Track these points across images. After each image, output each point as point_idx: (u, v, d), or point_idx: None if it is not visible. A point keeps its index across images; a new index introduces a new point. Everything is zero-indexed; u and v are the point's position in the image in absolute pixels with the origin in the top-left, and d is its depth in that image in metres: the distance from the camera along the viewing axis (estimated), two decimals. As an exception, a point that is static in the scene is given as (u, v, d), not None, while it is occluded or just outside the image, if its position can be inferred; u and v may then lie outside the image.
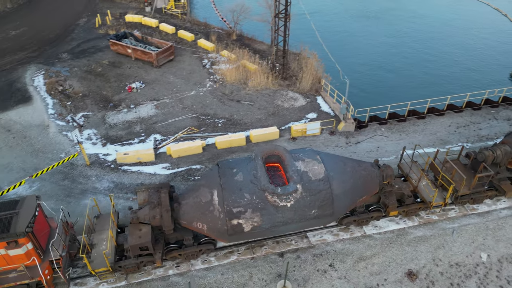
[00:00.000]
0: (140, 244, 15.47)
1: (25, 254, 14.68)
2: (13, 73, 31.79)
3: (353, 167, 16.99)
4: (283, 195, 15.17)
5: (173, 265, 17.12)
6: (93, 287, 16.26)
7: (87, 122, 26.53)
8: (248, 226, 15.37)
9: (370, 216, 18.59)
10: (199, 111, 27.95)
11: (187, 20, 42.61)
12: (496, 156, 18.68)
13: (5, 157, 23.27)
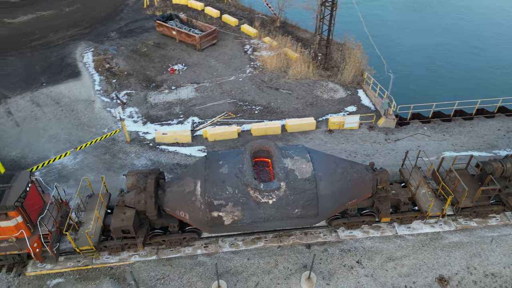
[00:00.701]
0: (122, 227, 15.86)
1: (14, 227, 15.28)
2: (64, 49, 33.38)
3: (345, 169, 16.30)
4: (265, 192, 14.83)
5: (202, 245, 17.57)
6: (126, 257, 17.05)
7: (130, 100, 27.46)
8: (228, 219, 15.21)
9: (362, 220, 18.03)
10: (237, 96, 28.08)
11: (232, 4, 42.57)
12: (506, 169, 17.33)
13: (53, 128, 24.65)
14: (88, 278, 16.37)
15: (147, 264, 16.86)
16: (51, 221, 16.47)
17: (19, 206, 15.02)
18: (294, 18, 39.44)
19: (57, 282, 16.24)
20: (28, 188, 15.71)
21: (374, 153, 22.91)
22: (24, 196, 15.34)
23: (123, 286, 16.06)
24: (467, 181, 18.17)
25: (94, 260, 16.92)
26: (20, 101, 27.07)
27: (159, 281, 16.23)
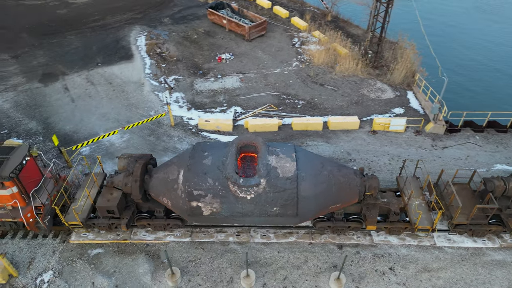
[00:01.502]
0: (107, 207, 16.49)
1: (10, 196, 16.03)
2: (120, 31, 34.84)
3: (331, 172, 15.80)
4: (244, 187, 14.72)
5: (234, 233, 17.88)
6: (161, 237, 17.73)
7: (177, 86, 28.23)
8: (207, 210, 15.31)
9: (347, 226, 17.33)
10: (281, 89, 27.99)
11: (284, -4, 42.21)
12: (508, 188, 16.21)
13: (105, 107, 25.94)
14: (125, 252, 17.23)
15: (181, 245, 17.45)
16: (45, 194, 17.26)
17: (14, 177, 15.71)
18: (346, 13, 38.47)
19: (97, 252, 17.24)
20: (25, 161, 16.40)
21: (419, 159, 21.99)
22: (20, 169, 16.04)
23: (156, 263, 16.75)
24: (468, 197, 17.29)
25: (132, 236, 17.75)
26: (76, 79, 28.70)
27: (191, 262, 16.76)
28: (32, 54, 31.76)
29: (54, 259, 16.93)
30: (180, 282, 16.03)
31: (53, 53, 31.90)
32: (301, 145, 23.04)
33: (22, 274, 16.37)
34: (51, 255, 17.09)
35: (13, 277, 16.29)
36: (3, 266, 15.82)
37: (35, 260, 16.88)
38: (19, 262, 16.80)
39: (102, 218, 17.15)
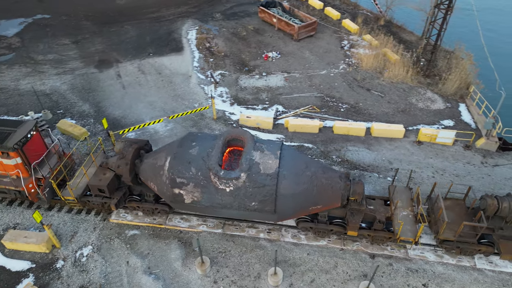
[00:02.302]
0: (98, 185, 17.26)
1: (14, 166, 17.26)
2: (173, 24, 36.01)
3: (314, 173, 15.58)
4: (224, 179, 14.94)
5: (265, 230, 17.96)
6: (195, 225, 18.19)
7: (222, 80, 28.74)
8: (188, 198, 15.69)
9: (330, 229, 17.04)
10: (325, 91, 27.65)
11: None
12: (501, 208, 15.23)
13: (152, 96, 26.97)
14: (159, 236, 17.87)
15: (213, 235, 17.80)
16: (47, 168, 18.21)
17: (18, 148, 16.79)
18: (401, 18, 37.17)
19: (133, 233, 18.02)
20: (30, 135, 17.43)
21: (466, 175, 20.92)
22: (24, 141, 17.11)
23: (188, 250, 17.22)
24: (460, 213, 16.51)
25: (167, 221, 18.36)
26: (129, 67, 30.06)
27: (221, 254, 17.06)
28: (91, 41, 33.65)
29: (94, 235, 17.90)
30: (208, 272, 16.38)
31: (110, 41, 33.61)
32: (340, 149, 22.67)
33: (64, 246, 17.47)
34: (92, 231, 18.08)
35: (55, 248, 17.42)
36: (48, 237, 16.97)
37: (77, 234, 17.95)
38: (62, 234, 17.94)
39: (95, 196, 17.94)
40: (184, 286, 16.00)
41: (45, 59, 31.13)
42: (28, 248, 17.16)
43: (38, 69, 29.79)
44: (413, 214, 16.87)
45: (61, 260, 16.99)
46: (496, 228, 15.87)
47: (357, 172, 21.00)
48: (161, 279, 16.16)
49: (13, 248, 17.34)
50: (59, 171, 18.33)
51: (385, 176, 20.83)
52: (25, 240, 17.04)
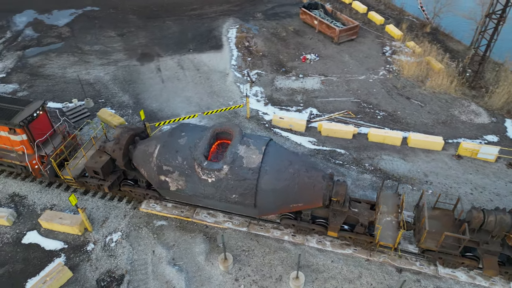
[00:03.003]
0: (93, 167, 17.91)
1: (19, 142, 18.23)
2: (214, 22, 36.52)
3: (297, 171, 15.56)
4: (206, 170, 15.32)
5: (290, 233, 17.81)
6: (221, 221, 18.34)
7: (258, 80, 28.81)
8: (173, 186, 16.21)
9: (312, 228, 17.05)
10: (362, 97, 27.02)
11: (383, 2, 40.53)
12: (486, 222, 14.56)
13: (189, 91, 27.48)
14: (186, 229, 18.17)
15: (238, 233, 17.88)
16: (51, 147, 19.05)
17: (24, 126, 17.69)
18: (448, 26, 35.66)
19: (161, 224, 18.44)
20: (36, 114, 18.25)
21: (507, 195, 19.75)
22: (30, 120, 17.97)
23: (212, 246, 17.40)
24: (447, 224, 15.96)
25: (194, 215, 18.64)
26: (169, 62, 30.80)
27: (244, 252, 17.09)
28: (135, 34, 34.79)
29: (124, 222, 18.48)
30: (231, 269, 16.46)
31: (153, 35, 34.59)
32: (374, 157, 22.07)
33: (95, 230, 18.16)
34: (122, 218, 18.68)
35: (87, 231, 18.15)
36: (81, 220, 17.70)
37: (108, 220, 18.60)
38: (94, 219, 18.66)
39: (91, 178, 18.61)
40: (205, 281, 16.17)
41: (92, 49, 32.52)
42: (62, 229, 17.99)
43: (84, 59, 31.17)
44: (396, 220, 16.56)
45: (92, 243, 17.68)
46: (482, 242, 15.15)
47: (390, 182, 20.37)
48: (184, 272, 16.42)
49: (49, 227, 18.24)
50: (62, 151, 19.22)
51: (419, 188, 20.06)
52: (60, 221, 17.88)
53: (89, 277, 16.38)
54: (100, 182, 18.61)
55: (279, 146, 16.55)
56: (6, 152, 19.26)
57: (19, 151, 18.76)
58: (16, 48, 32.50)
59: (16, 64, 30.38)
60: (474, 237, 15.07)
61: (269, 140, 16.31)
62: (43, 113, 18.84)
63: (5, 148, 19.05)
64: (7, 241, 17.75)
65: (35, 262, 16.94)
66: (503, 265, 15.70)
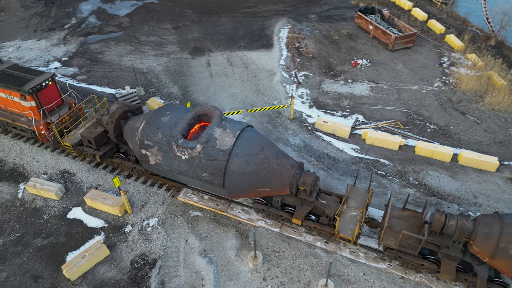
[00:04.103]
0: (87, 137, 19.21)
1: (29, 108, 20.00)
2: (267, 21, 36.60)
3: (267, 157, 16.17)
4: (181, 147, 16.24)
5: (323, 239, 17.46)
6: (254, 219, 18.37)
7: (305, 82, 28.51)
8: (152, 160, 17.28)
9: (279, 215, 17.60)
10: (412, 108, 25.88)
11: (445, 10, 38.55)
12: (446, 226, 14.14)
13: (236, 87, 27.78)
14: (219, 222, 18.40)
15: (270, 233, 17.82)
16: (56, 115, 20.72)
17: (33, 93, 19.36)
18: (516, 39, 33.24)
19: (196, 214, 18.81)
20: (45, 84, 19.85)
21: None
22: (39, 88, 19.61)
23: (243, 242, 17.48)
24: (412, 224, 15.83)
25: (228, 210, 18.83)
26: (219, 57, 31.32)
27: (274, 253, 17.00)
28: (190, 28, 35.74)
29: (162, 209, 19.06)
30: (259, 267, 16.44)
31: (206, 30, 35.35)
32: (420, 172, 21.07)
33: (134, 213, 18.89)
34: (160, 205, 19.28)
35: (127, 213, 18.93)
36: (122, 202, 18.49)
37: (146, 205, 19.28)
38: (134, 202, 19.42)
39: (86, 147, 19.93)
40: (234, 276, 16.28)
41: (148, 40, 33.85)
42: (104, 208, 18.90)
43: (140, 49, 32.51)
44: (362, 215, 16.61)
45: (130, 225, 18.42)
46: (443, 246, 14.79)
47: (434, 200, 19.35)
48: (214, 264, 16.64)
49: (92, 206, 19.24)
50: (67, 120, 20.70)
51: (466, 209, 18.88)
52: (103, 200, 18.80)
53: (124, 257, 17.08)
54: (95, 152, 19.77)
55: (256, 133, 17.14)
56: (17, 116, 21.24)
57: (28, 116, 20.59)
58: (80, 34, 34.58)
59: (78, 49, 32.33)
60: (436, 240, 14.79)
61: (247, 126, 17.03)
62: (52, 84, 20.49)
63: (17, 112, 21.01)
64: (54, 214, 18.95)
65: (77, 237, 17.94)
66: (464, 272, 15.32)
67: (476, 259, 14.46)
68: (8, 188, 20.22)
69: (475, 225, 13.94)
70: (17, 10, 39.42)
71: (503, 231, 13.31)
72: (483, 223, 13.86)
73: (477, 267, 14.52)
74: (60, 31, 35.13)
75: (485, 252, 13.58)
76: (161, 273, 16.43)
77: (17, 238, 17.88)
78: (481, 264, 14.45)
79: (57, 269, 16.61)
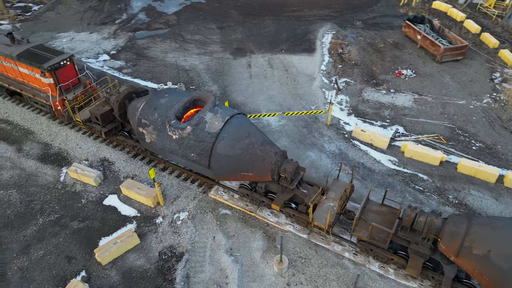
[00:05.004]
0: (94, 113, 20.70)
1: (47, 84, 21.70)
2: (311, 25, 36.35)
3: (252, 143, 16.89)
4: (173, 127, 17.35)
5: (352, 251, 17.01)
6: (283, 223, 18.23)
7: (345, 88, 28.00)
8: (148, 138, 18.48)
9: (261, 200, 18.36)
10: (458, 123, 24.68)
11: (500, 24, 36.53)
12: (416, 222, 14.48)
13: (274, 90, 27.77)
14: (247, 223, 18.42)
15: (297, 238, 17.60)
16: (72, 93, 22.49)
17: (51, 71, 21.12)
18: None
19: (225, 212, 18.94)
20: (63, 63, 21.59)
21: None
22: (57, 67, 21.37)
23: (269, 245, 17.38)
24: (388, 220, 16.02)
25: (257, 211, 18.81)
26: (259, 59, 31.47)
27: (300, 259, 16.77)
28: (234, 29, 36.20)
29: (193, 204, 19.37)
30: (284, 272, 16.27)
31: (250, 32, 35.66)
32: (461, 190, 20.04)
33: (166, 206, 19.32)
34: (192, 199, 19.60)
35: (159, 205, 19.40)
36: (156, 193, 18.97)
37: (178, 199, 19.66)
38: (167, 195, 19.86)
39: (94, 123, 21.37)
40: (258, 278, 16.22)
41: (192, 39, 34.65)
42: (138, 198, 19.48)
43: (184, 47, 33.34)
44: (338, 206, 17.00)
45: (161, 217, 18.86)
46: (413, 242, 14.96)
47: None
48: (239, 263, 16.66)
49: (127, 195, 19.89)
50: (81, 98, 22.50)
51: (509, 235, 17.69)
52: (137, 190, 19.39)
53: (153, 247, 17.51)
54: (102, 129, 21.04)
55: (245, 121, 17.87)
56: (37, 92, 23.04)
57: (46, 92, 22.23)
58: (129, 30, 36.00)
59: (126, 43, 33.66)
60: (407, 236, 14.96)
61: (238, 114, 17.76)
62: (70, 64, 22.17)
63: (38, 88, 22.82)
64: (91, 200, 19.78)
65: (111, 223, 18.60)
66: (433, 270, 15.47)
67: (445, 258, 14.46)
68: (52, 171, 21.34)
69: (444, 223, 14.19)
70: (73, 3, 41.73)
71: (469, 230, 13.53)
72: (451, 222, 14.09)
73: (445, 266, 14.58)
74: (111, 26, 36.75)
75: (450, 250, 13.74)
76: (187, 267, 16.68)
77: (56, 219, 18.82)
78: (450, 264, 14.45)
79: (90, 252, 17.30)
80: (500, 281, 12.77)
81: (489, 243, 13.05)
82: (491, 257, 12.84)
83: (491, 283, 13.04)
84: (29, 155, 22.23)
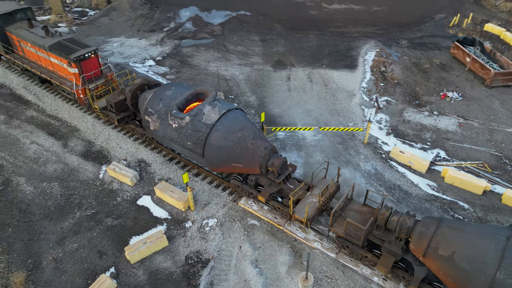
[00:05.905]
0: (110, 101, 22.30)
1: (72, 74, 23.65)
2: (355, 42, 35.99)
3: (245, 136, 17.84)
4: (173, 116, 18.76)
5: (381, 275, 16.36)
6: (311, 240, 17.90)
7: (386, 107, 27.32)
8: (152, 125, 19.98)
9: (250, 192, 19.19)
10: (505, 152, 23.30)
11: (559, 49, 34.36)
12: (389, 221, 14.95)
13: (312, 104, 27.62)
14: (275, 235, 18.25)
15: (325, 257, 17.19)
16: (94, 84, 24.27)
17: (76, 62, 23.02)
18: None
19: (253, 223, 18.90)
20: (88, 56, 23.40)
21: None
22: (82, 58, 23.20)
23: (296, 261, 17.09)
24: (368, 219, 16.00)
25: (286, 225, 18.61)
26: (299, 72, 31.49)
27: (326, 278, 16.34)
28: (276, 42, 36.56)
29: (222, 211, 19.50)
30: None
31: (292, 45, 35.85)
32: (504, 223, 18.79)
33: (196, 211, 19.59)
34: (222, 207, 19.74)
35: (190, 209, 19.69)
36: (187, 198, 19.30)
37: (209, 205, 19.88)
38: (198, 200, 20.15)
39: (109, 111, 22.96)
40: (281, 293, 15.96)
41: (235, 49, 35.34)
42: (170, 201, 19.90)
43: (226, 57, 34.05)
44: (319, 202, 17.71)
45: (190, 221, 19.13)
46: (387, 240, 15.37)
47: None
48: (263, 276, 16.50)
49: (160, 196, 20.38)
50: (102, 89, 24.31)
51: (557, 277, 16.29)
52: (170, 193, 19.82)
53: (180, 251, 17.75)
54: (116, 116, 22.50)
55: (241, 116, 18.75)
56: (64, 80, 25.06)
57: (71, 81, 24.12)
58: (175, 37, 37.34)
59: (172, 51, 34.90)
60: (382, 235, 15.37)
61: (235, 108, 18.73)
62: (94, 56, 23.98)
63: (64, 77, 24.84)
64: (126, 198, 20.45)
65: (142, 223, 19.10)
66: (405, 271, 15.60)
67: (417, 259, 14.59)
68: (92, 167, 22.33)
69: (415, 224, 14.51)
70: (126, 10, 43.99)
71: (437, 231, 13.72)
72: (422, 223, 14.36)
73: (416, 267, 14.71)
74: (159, 33, 38.31)
75: (418, 250, 13.94)
76: (211, 274, 16.73)
77: (92, 214, 19.60)
78: (421, 265, 14.55)
79: (120, 249, 17.82)
80: (463, 282, 12.80)
81: (454, 244, 13.17)
82: (455, 258, 12.97)
83: (455, 284, 13.12)
84: (73, 151, 23.42)
